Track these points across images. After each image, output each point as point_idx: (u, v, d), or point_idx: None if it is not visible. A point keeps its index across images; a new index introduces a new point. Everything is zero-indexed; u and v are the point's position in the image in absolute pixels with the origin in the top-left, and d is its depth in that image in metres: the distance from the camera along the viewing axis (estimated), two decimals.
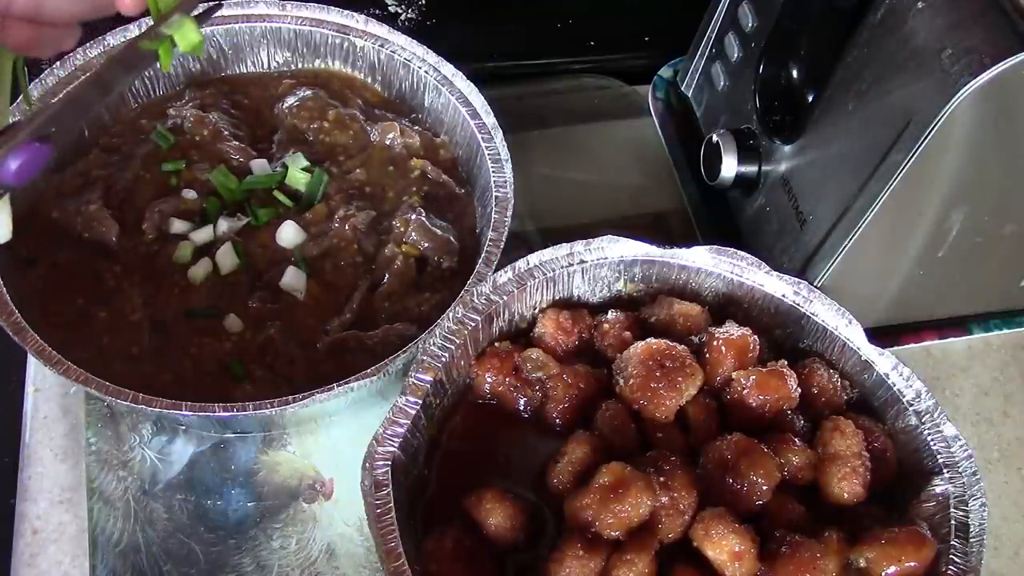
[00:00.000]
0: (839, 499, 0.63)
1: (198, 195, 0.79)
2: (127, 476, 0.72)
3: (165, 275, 0.75)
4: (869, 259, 0.74)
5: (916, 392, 0.67)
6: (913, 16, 0.65)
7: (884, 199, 0.67)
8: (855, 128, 0.70)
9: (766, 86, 0.81)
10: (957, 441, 0.65)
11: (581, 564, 0.56)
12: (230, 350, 0.72)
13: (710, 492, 0.60)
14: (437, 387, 0.65)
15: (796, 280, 0.72)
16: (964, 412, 0.81)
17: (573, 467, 0.61)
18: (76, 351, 0.67)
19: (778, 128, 0.79)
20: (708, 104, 0.93)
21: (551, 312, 0.70)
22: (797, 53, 0.77)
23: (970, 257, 0.76)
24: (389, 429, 0.62)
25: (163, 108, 0.84)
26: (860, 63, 0.69)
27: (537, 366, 0.67)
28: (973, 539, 0.61)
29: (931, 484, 0.64)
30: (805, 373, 0.68)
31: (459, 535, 0.60)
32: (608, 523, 0.57)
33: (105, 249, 0.76)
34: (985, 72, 0.59)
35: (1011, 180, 0.70)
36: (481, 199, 0.82)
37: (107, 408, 0.75)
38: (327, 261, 0.77)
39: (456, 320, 0.67)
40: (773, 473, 0.61)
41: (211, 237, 0.77)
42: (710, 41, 0.91)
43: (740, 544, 0.57)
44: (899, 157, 0.65)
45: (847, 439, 0.64)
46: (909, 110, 0.64)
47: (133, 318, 0.72)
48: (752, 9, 0.83)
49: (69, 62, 0.80)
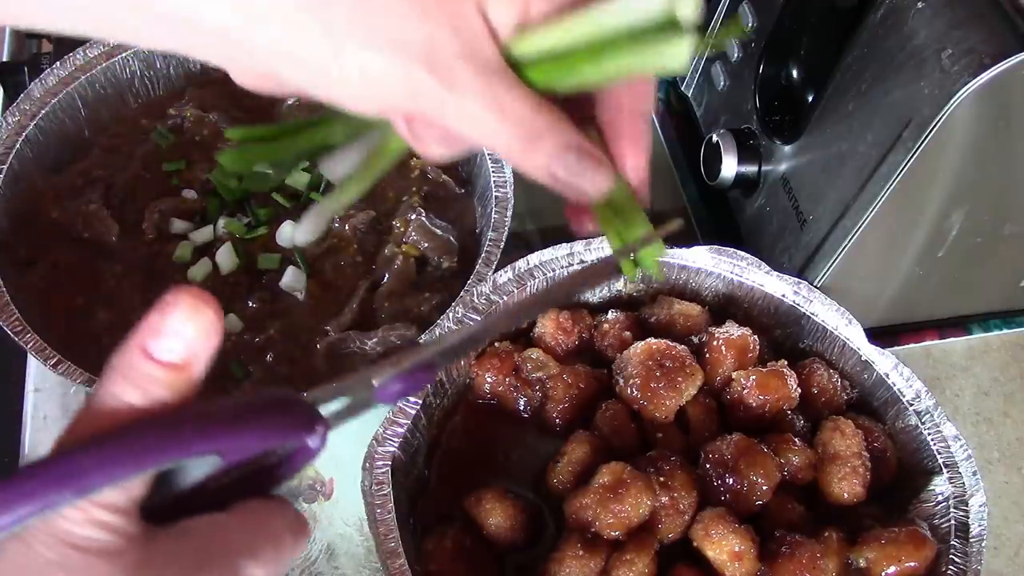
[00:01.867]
0: (839, 499, 0.63)
1: (198, 195, 0.79)
2: None
3: (165, 275, 0.75)
4: (869, 259, 0.74)
5: (916, 392, 0.67)
6: (913, 16, 0.65)
7: (884, 199, 0.67)
8: (855, 128, 0.70)
9: (766, 86, 0.81)
10: (957, 441, 0.65)
11: (581, 564, 0.56)
12: (230, 350, 0.72)
13: (710, 492, 0.60)
14: (437, 387, 0.65)
15: (796, 280, 0.72)
16: (964, 412, 0.81)
17: (573, 467, 0.61)
18: (76, 351, 0.67)
19: (778, 128, 0.79)
20: (708, 104, 0.93)
21: (551, 312, 0.70)
22: (797, 53, 0.77)
23: (970, 257, 0.76)
24: (389, 429, 0.62)
25: (163, 108, 0.84)
26: (860, 63, 0.69)
27: (537, 366, 0.67)
28: (973, 539, 0.61)
29: (931, 484, 0.64)
30: (805, 373, 0.68)
31: (459, 535, 0.60)
32: (608, 523, 0.57)
33: (105, 249, 0.76)
34: (985, 72, 0.59)
35: (1011, 180, 0.70)
36: (481, 199, 0.82)
37: None
38: (327, 261, 0.77)
39: (456, 320, 0.67)
40: (773, 473, 0.61)
41: (211, 237, 0.77)
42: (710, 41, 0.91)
43: (740, 544, 0.57)
44: (899, 157, 0.65)
45: (847, 439, 0.64)
46: (909, 110, 0.64)
47: (133, 318, 0.71)
48: (752, 9, 0.83)
49: (69, 61, 0.80)
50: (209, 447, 0.28)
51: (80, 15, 0.34)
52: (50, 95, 0.79)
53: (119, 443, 0.27)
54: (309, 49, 0.33)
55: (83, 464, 0.26)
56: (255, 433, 0.29)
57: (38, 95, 0.79)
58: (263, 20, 0.32)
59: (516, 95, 0.34)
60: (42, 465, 0.26)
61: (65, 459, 0.26)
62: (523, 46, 0.35)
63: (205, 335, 0.29)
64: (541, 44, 0.35)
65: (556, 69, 0.35)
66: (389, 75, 0.33)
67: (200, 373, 0.30)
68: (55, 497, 0.26)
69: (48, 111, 0.79)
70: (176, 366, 0.29)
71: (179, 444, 0.27)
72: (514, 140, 0.35)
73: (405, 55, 0.33)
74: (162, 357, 0.29)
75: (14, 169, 0.76)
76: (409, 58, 0.33)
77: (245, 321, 0.73)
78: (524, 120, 0.35)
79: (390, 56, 0.33)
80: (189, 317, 0.29)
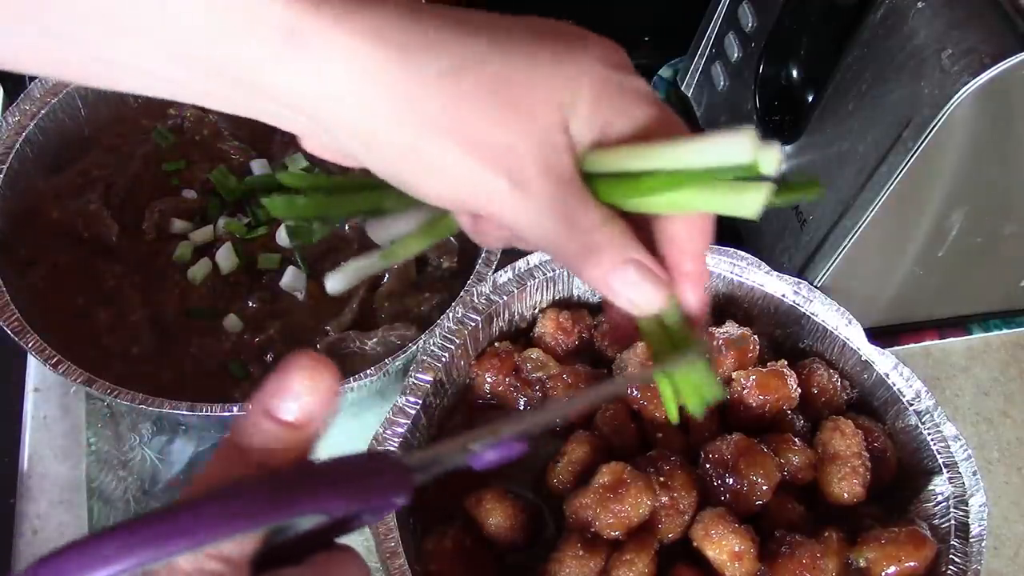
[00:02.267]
0: (839, 499, 0.63)
1: (198, 195, 0.79)
2: (127, 476, 0.72)
3: (165, 275, 0.75)
4: (869, 259, 0.74)
5: (916, 392, 0.67)
6: (913, 16, 0.65)
7: (884, 199, 0.67)
8: (855, 128, 0.70)
9: (766, 86, 0.81)
10: (957, 441, 0.65)
11: (581, 564, 0.56)
12: (230, 350, 0.72)
13: (710, 492, 0.60)
14: (437, 387, 0.65)
15: (796, 280, 0.72)
16: (964, 412, 0.81)
17: (573, 467, 0.61)
18: (76, 351, 0.67)
19: (778, 128, 0.79)
20: (708, 104, 0.93)
21: (551, 312, 0.70)
22: (797, 53, 0.77)
23: (970, 257, 0.76)
24: (389, 429, 0.62)
25: (163, 108, 0.84)
26: (860, 63, 0.69)
27: (537, 366, 0.67)
28: (973, 539, 0.61)
29: (931, 484, 0.64)
30: (805, 373, 0.68)
31: (459, 535, 0.60)
32: (608, 523, 0.57)
33: (105, 249, 0.76)
34: (985, 72, 0.59)
35: (1011, 180, 0.70)
36: None
37: (107, 408, 0.75)
38: (327, 261, 0.77)
39: (456, 320, 0.67)
40: (773, 473, 0.61)
41: (211, 237, 0.77)
42: (710, 41, 0.91)
43: (740, 544, 0.57)
44: (899, 157, 0.65)
45: (847, 439, 0.64)
46: (909, 110, 0.64)
47: (133, 318, 0.72)
48: (752, 9, 0.83)
49: None
50: (320, 508, 0.30)
51: (154, 81, 0.34)
52: (50, 95, 0.79)
53: (238, 500, 0.28)
54: (392, 136, 0.33)
55: (201, 517, 0.27)
56: (360, 495, 0.31)
57: (38, 95, 0.78)
58: (351, 103, 0.33)
59: (584, 208, 0.35)
60: (165, 514, 0.27)
61: (186, 511, 0.27)
62: (597, 162, 0.36)
63: (322, 397, 0.31)
64: (615, 163, 0.36)
65: (625, 189, 0.36)
66: (467, 176, 0.34)
67: (319, 433, 0.31)
68: (173, 546, 0.27)
69: (48, 111, 0.79)
70: (294, 425, 0.31)
71: (292, 505, 0.29)
72: (577, 250, 0.36)
73: (487, 160, 0.33)
74: (282, 416, 0.31)
75: (14, 169, 0.76)
76: (490, 163, 0.33)
77: (245, 321, 0.73)
78: (589, 232, 0.35)
79: (472, 158, 0.33)
80: (308, 379, 0.31)
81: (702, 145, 0.34)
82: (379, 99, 0.33)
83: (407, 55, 0.32)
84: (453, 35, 0.33)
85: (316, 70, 0.32)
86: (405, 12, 0.33)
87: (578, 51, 0.35)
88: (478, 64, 0.33)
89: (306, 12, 0.31)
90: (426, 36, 0.33)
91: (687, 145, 0.34)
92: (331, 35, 0.32)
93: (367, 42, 0.32)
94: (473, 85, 0.33)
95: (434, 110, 0.33)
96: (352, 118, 0.33)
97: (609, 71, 0.35)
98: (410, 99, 0.33)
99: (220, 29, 0.31)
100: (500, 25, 0.34)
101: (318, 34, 0.32)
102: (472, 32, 0.33)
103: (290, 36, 0.32)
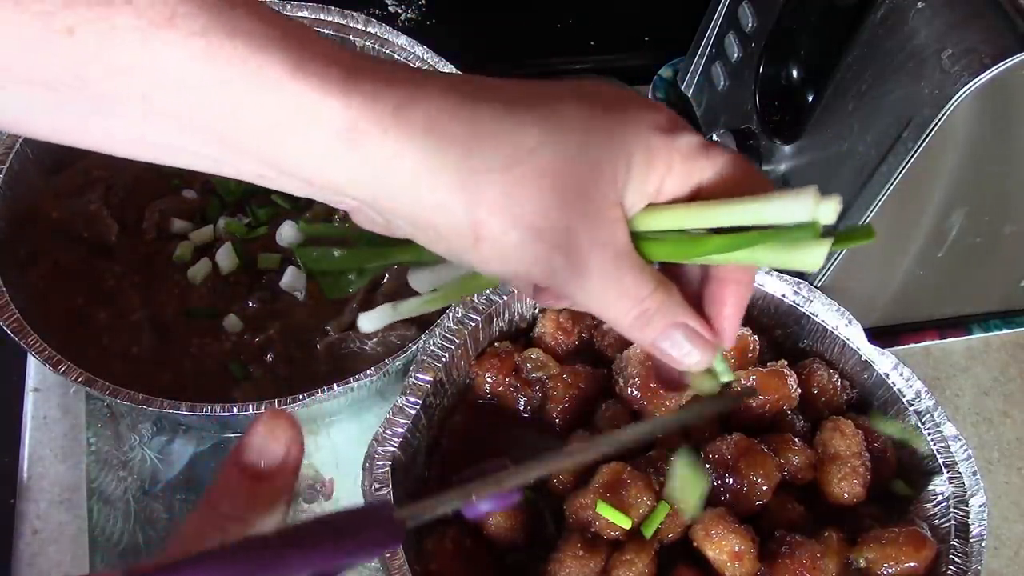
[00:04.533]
0: (839, 499, 0.63)
1: (198, 195, 0.79)
2: (127, 476, 0.72)
3: (165, 275, 0.75)
4: (869, 259, 0.74)
5: (916, 392, 0.67)
6: (913, 16, 0.65)
7: (884, 199, 0.67)
8: (855, 128, 0.70)
9: (766, 86, 0.81)
10: (957, 441, 0.65)
11: (581, 564, 0.56)
12: (230, 350, 0.72)
13: (710, 492, 0.60)
14: (437, 387, 0.65)
15: (796, 280, 0.72)
16: (964, 412, 0.81)
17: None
18: (76, 351, 0.67)
19: (778, 128, 0.79)
20: (708, 104, 0.93)
21: (551, 312, 0.70)
22: (797, 53, 0.77)
23: (970, 257, 0.76)
24: (389, 429, 0.62)
25: None
26: (860, 63, 0.69)
27: (537, 366, 0.67)
28: (973, 539, 0.61)
29: (931, 484, 0.64)
30: (805, 373, 0.68)
31: (459, 535, 0.60)
32: (608, 523, 0.57)
33: (105, 249, 0.76)
34: (985, 72, 0.59)
35: (1011, 180, 0.70)
36: None
37: (107, 408, 0.75)
38: None
39: (456, 320, 0.67)
40: (773, 473, 0.61)
41: (211, 237, 0.77)
42: (710, 41, 0.91)
43: (740, 544, 0.57)
44: (899, 157, 0.65)
45: (847, 439, 0.64)
46: (909, 110, 0.64)
47: (133, 318, 0.72)
48: (752, 9, 0.83)
49: None
50: (309, 568, 0.30)
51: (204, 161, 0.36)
52: None
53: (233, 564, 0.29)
54: (448, 218, 0.34)
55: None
56: (351, 553, 0.31)
57: None
58: (410, 198, 0.34)
59: (637, 278, 0.37)
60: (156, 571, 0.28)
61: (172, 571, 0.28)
62: (650, 222, 0.37)
63: (285, 447, 0.33)
64: (670, 223, 0.36)
65: (685, 250, 0.37)
66: (530, 256, 0.35)
67: (291, 482, 0.33)
68: None
69: None
70: (263, 475, 0.32)
71: (282, 567, 0.29)
72: (629, 316, 0.37)
73: (544, 241, 0.35)
74: (249, 468, 0.32)
75: (14, 169, 0.75)
76: (547, 244, 0.35)
77: (245, 321, 0.73)
78: (641, 300, 0.37)
79: (530, 240, 0.34)
80: (269, 431, 0.32)
81: (762, 206, 0.35)
82: (438, 190, 0.34)
83: (465, 150, 0.33)
84: (505, 126, 0.34)
85: (372, 164, 0.33)
86: (458, 101, 0.34)
87: (629, 124, 0.36)
88: (532, 155, 0.34)
89: (364, 108, 0.32)
90: (481, 127, 0.34)
91: (745, 206, 0.35)
92: (388, 130, 0.33)
93: (424, 137, 0.33)
94: (530, 172, 0.34)
95: (494, 197, 0.34)
96: (410, 209, 0.35)
97: (658, 136, 0.36)
98: (468, 190, 0.34)
99: (276, 125, 0.32)
100: (549, 105, 0.35)
101: (375, 129, 0.33)
102: (524, 121, 0.34)
103: (347, 133, 0.32)
